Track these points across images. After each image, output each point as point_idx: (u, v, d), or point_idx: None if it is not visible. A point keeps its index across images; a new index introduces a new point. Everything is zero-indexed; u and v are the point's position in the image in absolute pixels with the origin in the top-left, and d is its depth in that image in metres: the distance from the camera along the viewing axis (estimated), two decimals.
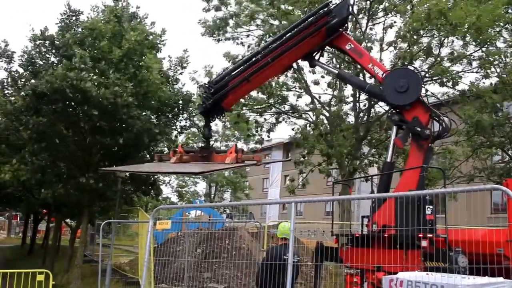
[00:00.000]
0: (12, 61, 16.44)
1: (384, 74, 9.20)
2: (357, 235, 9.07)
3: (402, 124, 9.05)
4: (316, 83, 22.05)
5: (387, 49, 20.39)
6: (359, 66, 15.11)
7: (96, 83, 14.32)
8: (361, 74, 17.71)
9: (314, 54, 10.10)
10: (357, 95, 21.00)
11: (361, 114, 21.41)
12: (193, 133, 34.33)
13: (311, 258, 11.17)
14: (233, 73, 10.05)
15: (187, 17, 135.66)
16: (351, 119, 22.05)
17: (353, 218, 20.26)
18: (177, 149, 9.76)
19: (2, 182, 18.59)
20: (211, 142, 11.08)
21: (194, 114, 19.66)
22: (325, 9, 9.60)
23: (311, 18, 9.66)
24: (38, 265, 19.96)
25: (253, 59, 9.87)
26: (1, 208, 42.27)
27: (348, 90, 21.73)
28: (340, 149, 19.39)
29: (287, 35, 9.76)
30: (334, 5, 9.61)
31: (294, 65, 18.76)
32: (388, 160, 9.47)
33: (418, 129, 8.67)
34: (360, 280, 8.71)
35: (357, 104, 21.42)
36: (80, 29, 16.28)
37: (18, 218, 60.76)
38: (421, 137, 8.69)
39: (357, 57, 9.85)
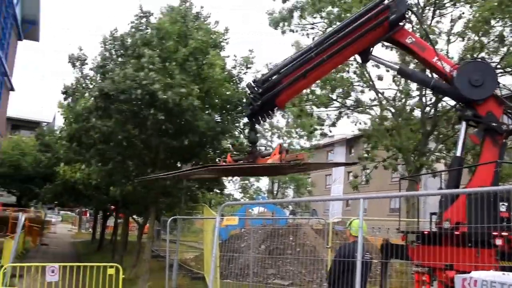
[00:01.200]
0: (85, 64, 17.06)
1: (452, 69, 8.88)
2: (426, 232, 8.81)
3: (475, 119, 8.70)
4: (380, 78, 21.59)
5: (455, 41, 19.67)
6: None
7: (162, 84, 14.48)
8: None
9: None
10: (424, 89, 20.41)
11: (428, 109, 20.84)
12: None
13: (376, 255, 10.99)
14: (283, 70, 9.71)
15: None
16: (417, 113, 21.50)
17: (420, 215, 19.70)
18: (226, 159, 9.80)
19: (74, 181, 19.36)
20: (258, 147, 10.80)
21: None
22: (384, 3, 9.29)
23: (372, 13, 9.27)
24: (108, 260, 20.61)
25: (306, 56, 9.50)
26: (72, 204, 44.07)
27: (414, 83, 21.16)
28: (407, 143, 18.93)
29: (346, 30, 9.37)
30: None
31: (359, 60, 18.48)
32: (458, 154, 9.14)
33: (494, 124, 8.33)
34: (429, 279, 8.48)
35: (424, 98, 20.85)
36: (148, 30, 16.61)
37: (88, 214, 63.10)
38: (497, 132, 8.35)
39: (419, 51, 9.41)
